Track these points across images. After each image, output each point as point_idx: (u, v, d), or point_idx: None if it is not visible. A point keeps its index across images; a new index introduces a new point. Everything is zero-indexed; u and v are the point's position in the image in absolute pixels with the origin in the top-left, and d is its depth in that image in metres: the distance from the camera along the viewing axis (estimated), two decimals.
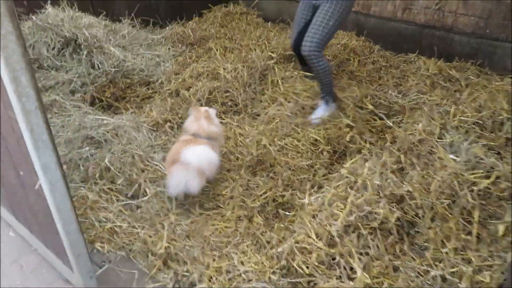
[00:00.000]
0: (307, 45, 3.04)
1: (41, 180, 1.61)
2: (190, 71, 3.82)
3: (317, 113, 3.30)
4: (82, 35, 3.46)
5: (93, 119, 3.03)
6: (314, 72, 3.20)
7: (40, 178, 1.60)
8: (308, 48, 3.03)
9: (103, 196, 2.62)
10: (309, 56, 3.05)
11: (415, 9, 4.55)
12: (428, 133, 2.78)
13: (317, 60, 3.09)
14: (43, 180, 1.59)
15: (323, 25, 3.01)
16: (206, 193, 2.70)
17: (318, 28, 3.01)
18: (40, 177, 1.60)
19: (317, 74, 3.20)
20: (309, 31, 3.04)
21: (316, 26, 3.02)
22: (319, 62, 3.10)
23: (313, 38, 3.02)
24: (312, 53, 3.04)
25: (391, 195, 2.30)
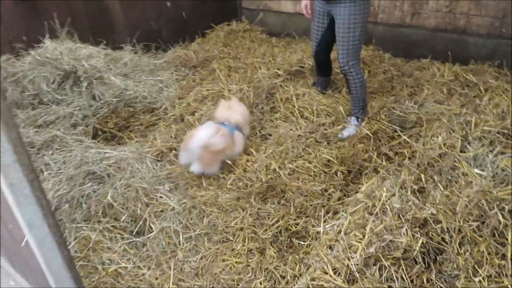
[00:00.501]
0: (343, 60, 3.04)
1: (28, 237, 1.48)
2: (194, 95, 3.71)
3: (349, 131, 3.17)
4: (82, 67, 3.38)
5: (94, 153, 2.92)
6: (351, 85, 3.16)
7: (26, 234, 1.47)
8: (345, 62, 3.04)
9: (106, 235, 2.48)
10: (348, 69, 3.06)
11: (424, 13, 4.37)
12: (449, 146, 2.59)
13: (356, 71, 3.09)
14: (29, 236, 1.46)
15: (350, 35, 2.97)
16: (215, 225, 2.55)
17: (346, 39, 2.98)
18: (26, 234, 1.47)
19: (354, 88, 3.16)
20: (339, 44, 3.02)
21: (344, 38, 2.99)
22: (357, 74, 3.10)
23: (346, 51, 3.01)
24: (350, 66, 3.05)
25: (413, 219, 2.11)
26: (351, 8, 2.91)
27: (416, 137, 2.94)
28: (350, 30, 2.96)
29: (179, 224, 2.56)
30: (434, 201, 2.18)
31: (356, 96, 3.22)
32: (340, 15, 2.96)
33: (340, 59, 3.08)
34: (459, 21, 4.22)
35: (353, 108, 3.29)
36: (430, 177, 2.45)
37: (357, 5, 2.91)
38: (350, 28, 2.96)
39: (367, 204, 2.22)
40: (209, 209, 2.64)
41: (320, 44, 3.30)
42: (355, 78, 3.13)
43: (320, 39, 3.27)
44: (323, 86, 3.70)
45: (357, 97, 3.23)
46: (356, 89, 3.19)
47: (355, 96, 3.23)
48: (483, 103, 3.16)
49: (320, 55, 3.42)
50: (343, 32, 2.98)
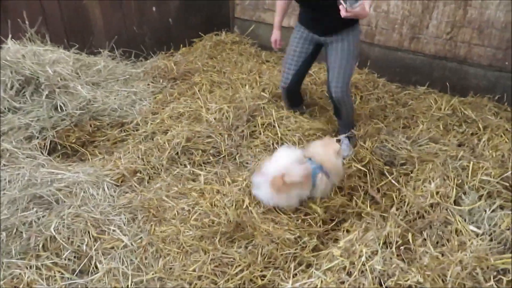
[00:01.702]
0: (338, 92, 2.90)
1: None
2: (170, 111, 3.40)
3: (344, 150, 3.03)
4: (44, 73, 3.05)
5: (45, 173, 2.59)
6: (343, 112, 3.08)
7: None
8: (340, 93, 2.90)
9: (43, 274, 2.14)
10: (342, 98, 2.94)
11: (423, 39, 4.11)
12: (442, 195, 2.29)
13: (348, 99, 3.01)
14: None
15: (348, 65, 2.89)
16: (172, 268, 2.22)
17: (345, 71, 2.87)
18: None
19: (346, 114, 3.10)
20: (336, 76, 2.88)
21: (342, 70, 2.87)
22: (349, 101, 3.03)
23: (343, 83, 2.88)
24: (345, 96, 2.94)
25: (396, 286, 1.80)
26: (349, 37, 2.85)
27: (407, 179, 2.65)
28: (350, 62, 2.89)
29: (130, 265, 2.23)
30: (421, 265, 1.88)
31: (347, 120, 3.16)
32: (339, 46, 2.87)
33: (334, 88, 2.91)
34: (460, 49, 3.97)
35: (343, 129, 3.20)
36: (419, 231, 2.14)
37: (355, 34, 2.88)
38: (348, 58, 2.87)
39: (344, 263, 1.91)
40: (168, 247, 2.32)
41: (297, 72, 3.07)
42: (347, 106, 3.03)
43: (299, 67, 3.05)
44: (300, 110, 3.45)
45: (347, 121, 3.18)
46: (347, 115, 3.12)
47: (345, 121, 3.18)
48: (481, 143, 2.89)
49: (293, 86, 3.17)
50: (342, 63, 2.87)
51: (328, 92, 3.02)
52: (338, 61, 2.87)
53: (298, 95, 3.37)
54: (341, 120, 3.18)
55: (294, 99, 3.35)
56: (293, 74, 3.09)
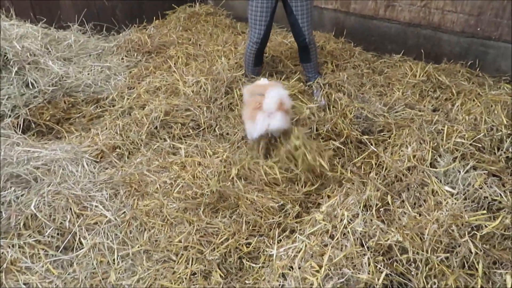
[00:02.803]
0: (309, 33, 3.23)
1: None
2: (146, 85, 3.34)
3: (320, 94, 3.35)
4: (12, 49, 2.93)
5: (21, 151, 2.52)
6: (312, 54, 3.39)
7: None
8: (311, 35, 3.26)
9: (27, 252, 2.13)
10: (312, 40, 3.29)
11: (398, 6, 4.12)
12: (419, 158, 2.37)
13: (315, 43, 3.36)
14: None
15: (310, 9, 3.16)
16: (157, 240, 2.24)
17: (310, 13, 3.17)
18: None
19: (314, 56, 3.41)
20: (306, 21, 3.17)
21: (308, 13, 3.15)
22: (315, 45, 3.38)
23: (311, 25, 3.22)
24: (312, 37, 3.28)
25: (376, 246, 1.87)
26: None
27: (384, 145, 2.71)
28: (311, 5, 3.16)
29: (115, 239, 2.23)
30: (400, 225, 1.95)
31: (316, 62, 3.48)
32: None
33: (306, 32, 3.21)
34: (434, 16, 4.00)
35: (313, 75, 3.51)
36: (397, 193, 2.22)
37: None
38: (311, 3, 3.16)
39: (326, 227, 1.97)
40: (152, 221, 2.33)
41: (267, 27, 3.21)
42: (314, 49, 3.37)
43: (268, 21, 3.18)
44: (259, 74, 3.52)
45: (316, 64, 3.49)
46: (315, 57, 3.44)
47: (315, 64, 3.48)
48: (455, 108, 2.96)
49: (264, 41, 3.32)
50: (308, 9, 3.14)
51: (298, 39, 3.27)
52: (305, 8, 3.11)
53: (263, 52, 3.48)
54: (311, 63, 3.44)
55: (261, 57, 3.46)
56: (265, 29, 3.21)
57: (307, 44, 3.26)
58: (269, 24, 3.21)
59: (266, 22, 3.17)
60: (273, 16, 3.21)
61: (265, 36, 3.26)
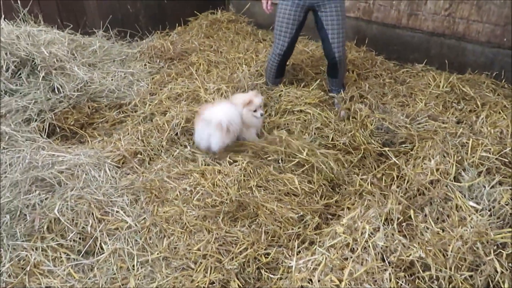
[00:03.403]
0: (340, 51, 3.13)
1: None
2: (168, 92, 3.37)
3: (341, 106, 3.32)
4: (40, 55, 3.00)
5: (46, 155, 2.58)
6: (341, 70, 3.30)
7: None
8: (342, 52, 3.15)
9: (49, 255, 2.16)
10: (342, 58, 3.19)
11: (422, 15, 4.08)
12: (442, 172, 2.32)
13: (345, 59, 3.28)
14: None
15: (343, 25, 3.08)
16: (176, 248, 2.25)
17: (342, 29, 3.08)
18: None
19: (342, 73, 3.34)
20: (336, 35, 3.08)
21: (340, 29, 3.07)
22: (345, 61, 3.30)
23: (343, 42, 3.14)
24: (343, 54, 3.18)
25: (398, 261, 1.84)
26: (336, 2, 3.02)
27: (406, 157, 2.67)
28: (343, 20, 3.08)
29: (135, 245, 2.25)
30: (423, 240, 1.92)
31: (342, 78, 3.40)
32: (333, 7, 3.01)
33: (336, 49, 3.12)
34: (458, 26, 3.95)
35: (337, 89, 3.44)
36: (419, 207, 2.18)
37: None
38: (343, 19, 3.07)
39: (347, 240, 1.95)
40: (171, 228, 2.34)
41: (292, 39, 3.21)
42: (345, 64, 3.31)
43: (293, 34, 3.17)
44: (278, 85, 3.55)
45: (342, 79, 3.41)
46: (343, 73, 3.36)
47: (341, 80, 3.40)
48: (480, 120, 2.90)
49: (288, 53, 3.34)
50: (339, 24, 3.05)
51: (328, 54, 3.18)
52: (335, 23, 3.03)
53: (285, 63, 3.49)
54: (337, 79, 3.37)
55: (283, 68, 3.47)
56: (289, 41, 3.21)
57: (336, 62, 3.19)
58: (294, 37, 3.20)
59: (291, 35, 3.16)
60: (299, 29, 3.20)
61: (289, 48, 3.26)
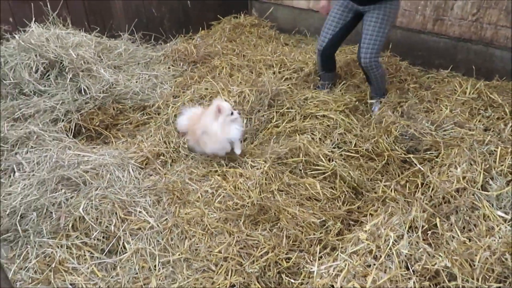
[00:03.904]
0: (367, 57, 3.08)
1: None
2: (191, 94, 3.40)
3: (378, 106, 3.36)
4: (68, 57, 3.08)
5: (72, 155, 2.63)
6: (372, 79, 3.28)
7: None
8: (369, 59, 3.09)
9: (74, 253, 2.21)
10: (370, 65, 3.12)
11: (448, 20, 4.01)
12: (469, 180, 2.27)
13: (377, 68, 3.17)
14: None
15: (380, 33, 3.03)
16: (197, 249, 2.26)
17: (376, 37, 3.04)
18: None
19: (375, 80, 3.29)
20: (367, 41, 3.06)
21: (374, 36, 3.04)
22: (378, 70, 3.19)
23: (373, 49, 3.06)
24: (373, 63, 3.11)
25: (423, 270, 1.81)
26: (386, 8, 2.99)
27: (431, 164, 2.62)
28: (381, 29, 3.02)
29: (157, 245, 2.27)
30: (448, 249, 1.88)
31: (377, 85, 3.34)
32: (375, 14, 3.01)
33: (363, 55, 3.10)
34: (486, 31, 3.86)
35: (375, 95, 3.42)
36: (445, 216, 2.13)
37: (392, 8, 3.01)
38: (381, 27, 3.02)
39: (370, 247, 1.92)
40: (193, 229, 2.35)
41: (333, 37, 3.25)
42: (376, 73, 3.21)
43: (336, 32, 3.22)
44: (330, 80, 3.63)
45: (377, 86, 3.36)
46: (377, 81, 3.30)
47: (376, 86, 3.36)
48: (508, 128, 2.83)
49: (328, 49, 3.37)
50: (374, 31, 3.02)
51: (358, 58, 3.19)
52: (371, 29, 3.02)
53: (332, 60, 3.52)
54: (371, 85, 3.37)
55: (328, 63, 3.50)
56: (330, 38, 3.26)
57: (363, 67, 3.19)
58: (336, 35, 3.24)
59: (334, 32, 3.23)
60: (345, 31, 3.25)
61: (329, 45, 3.31)
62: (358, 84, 3.69)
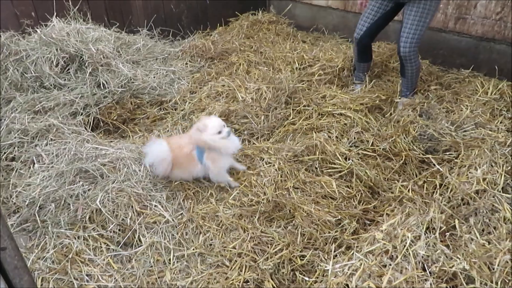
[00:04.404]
0: (407, 46, 3.06)
1: None
2: (208, 90, 3.41)
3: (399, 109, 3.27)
4: (88, 51, 3.12)
5: (90, 148, 2.67)
6: (407, 70, 3.24)
7: None
8: (408, 48, 3.07)
9: (90, 244, 2.24)
10: (409, 56, 3.11)
11: (470, 19, 3.92)
12: (489, 182, 2.22)
13: (415, 59, 3.15)
14: None
15: (421, 25, 3.00)
16: (212, 244, 2.27)
17: (416, 28, 3.01)
18: None
19: (410, 73, 3.25)
20: (407, 31, 3.03)
21: (414, 26, 3.01)
22: (416, 61, 3.17)
23: (412, 39, 3.04)
24: (411, 53, 3.10)
25: (440, 272, 1.77)
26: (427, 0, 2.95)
27: (450, 165, 2.57)
28: (422, 20, 2.98)
29: (171, 239, 2.29)
30: (467, 251, 1.84)
31: (410, 79, 3.29)
32: (416, 5, 2.97)
33: (402, 44, 3.07)
34: (510, 31, 3.76)
35: (405, 90, 3.37)
36: (463, 217, 2.09)
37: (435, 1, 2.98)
38: (422, 18, 2.98)
39: (386, 247, 1.90)
40: (207, 224, 2.36)
41: (371, 26, 3.24)
42: (413, 64, 3.18)
43: (374, 21, 3.21)
44: (365, 71, 3.62)
45: (411, 80, 3.31)
46: (412, 74, 3.26)
47: (409, 80, 3.30)
48: None
49: (365, 39, 3.35)
50: (417, 21, 2.98)
51: (397, 48, 3.16)
52: (411, 18, 2.98)
53: (368, 50, 3.50)
54: (404, 78, 3.31)
55: (364, 53, 3.49)
56: (368, 26, 3.25)
57: (401, 58, 3.16)
58: (374, 24, 3.23)
59: (371, 22, 3.22)
60: (384, 20, 3.23)
61: (366, 35, 3.29)
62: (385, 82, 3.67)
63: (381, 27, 3.30)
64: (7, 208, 2.45)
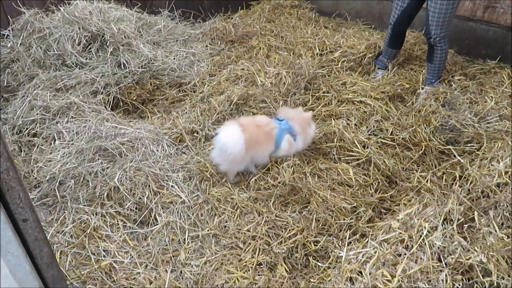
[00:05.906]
0: (437, 31, 3.04)
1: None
2: (227, 73, 3.40)
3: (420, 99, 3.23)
4: (109, 30, 3.13)
5: (110, 127, 2.70)
6: (436, 55, 3.19)
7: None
8: (438, 33, 3.05)
9: (108, 221, 2.28)
10: (439, 40, 3.09)
11: (500, 8, 3.79)
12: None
13: (445, 43, 3.13)
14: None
15: (450, 7, 2.95)
16: (226, 226, 2.28)
17: (446, 10, 2.96)
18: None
19: (439, 58, 3.20)
20: (436, 15, 2.99)
21: (443, 9, 2.96)
22: (446, 45, 3.15)
23: (443, 22, 3.00)
24: (442, 37, 3.07)
25: (456, 264, 1.75)
26: None
27: (471, 157, 2.52)
28: (451, 6, 2.94)
29: (187, 220, 2.32)
30: (485, 244, 1.81)
31: (438, 65, 3.24)
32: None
33: (433, 30, 3.05)
34: None
35: (430, 77, 3.31)
36: (482, 210, 2.05)
37: None
38: (452, 4, 2.93)
39: (402, 236, 1.88)
40: (223, 206, 2.38)
41: (404, 12, 3.22)
42: (443, 49, 3.15)
43: (405, 7, 3.18)
44: (392, 58, 3.59)
45: (438, 67, 3.25)
46: (440, 59, 3.21)
47: (436, 65, 3.24)
48: None
49: (401, 25, 3.33)
50: (443, 5, 2.93)
51: (426, 36, 3.15)
52: (439, 5, 2.94)
53: (401, 36, 3.49)
54: (431, 64, 3.25)
55: (397, 40, 3.47)
56: (401, 12, 3.23)
57: (431, 43, 3.14)
58: (404, 11, 3.21)
59: (402, 8, 3.21)
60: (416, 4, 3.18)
61: (399, 21, 3.28)
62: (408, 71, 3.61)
63: (413, 12, 3.26)
64: (28, 182, 2.51)
